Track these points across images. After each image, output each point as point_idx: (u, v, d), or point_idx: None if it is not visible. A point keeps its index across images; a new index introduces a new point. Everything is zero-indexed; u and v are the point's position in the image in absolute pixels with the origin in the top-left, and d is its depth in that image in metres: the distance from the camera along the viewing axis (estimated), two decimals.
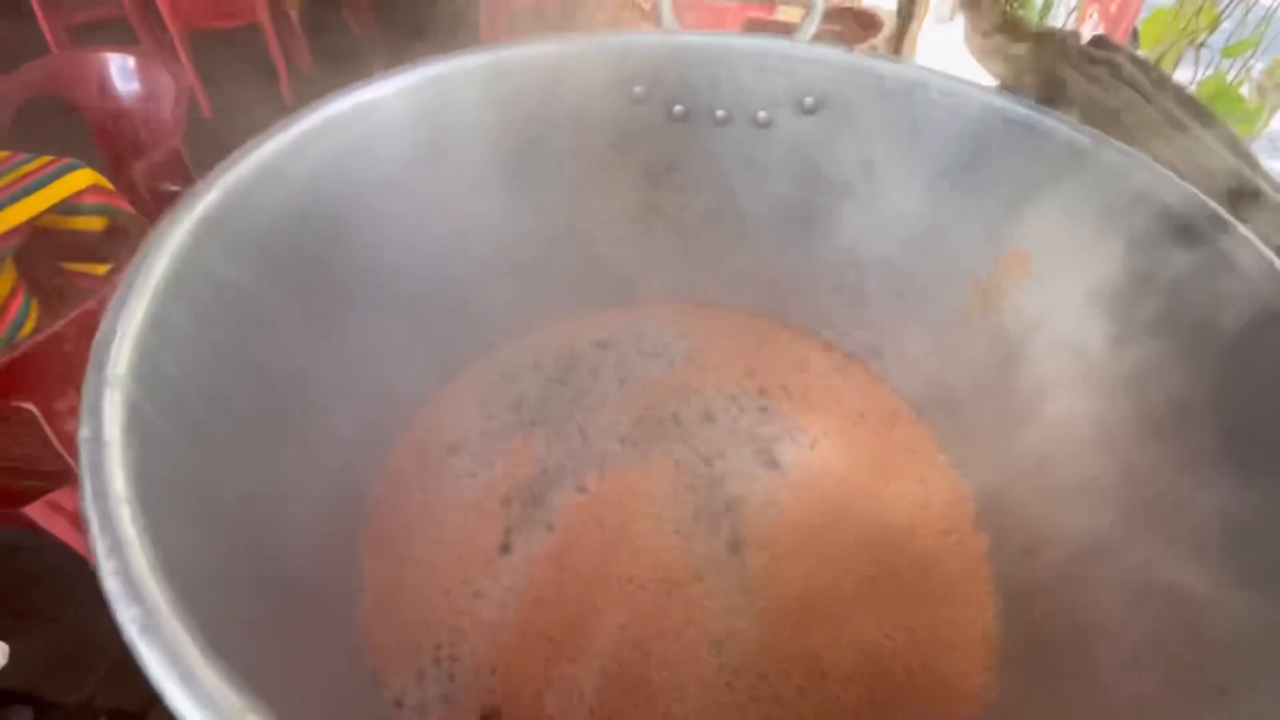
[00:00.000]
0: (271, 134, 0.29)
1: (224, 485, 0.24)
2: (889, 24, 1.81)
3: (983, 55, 1.23)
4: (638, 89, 0.42)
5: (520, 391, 0.43)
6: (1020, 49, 1.11)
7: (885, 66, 0.38)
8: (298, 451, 0.30)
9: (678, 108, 0.43)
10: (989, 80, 1.28)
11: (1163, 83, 0.47)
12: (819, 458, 0.40)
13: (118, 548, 0.16)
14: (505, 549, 0.35)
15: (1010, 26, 1.11)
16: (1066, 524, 0.31)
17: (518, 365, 0.44)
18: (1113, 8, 1.21)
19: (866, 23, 1.90)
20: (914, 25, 1.81)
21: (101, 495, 0.17)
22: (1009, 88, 1.20)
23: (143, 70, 0.96)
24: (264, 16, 2.55)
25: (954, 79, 0.37)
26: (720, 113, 0.43)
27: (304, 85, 3.38)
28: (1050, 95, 1.06)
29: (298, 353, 0.31)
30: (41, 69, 0.97)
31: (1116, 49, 0.52)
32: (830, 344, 0.46)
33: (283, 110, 0.31)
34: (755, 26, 2.15)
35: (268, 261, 0.29)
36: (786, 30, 0.43)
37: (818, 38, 0.43)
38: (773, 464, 0.40)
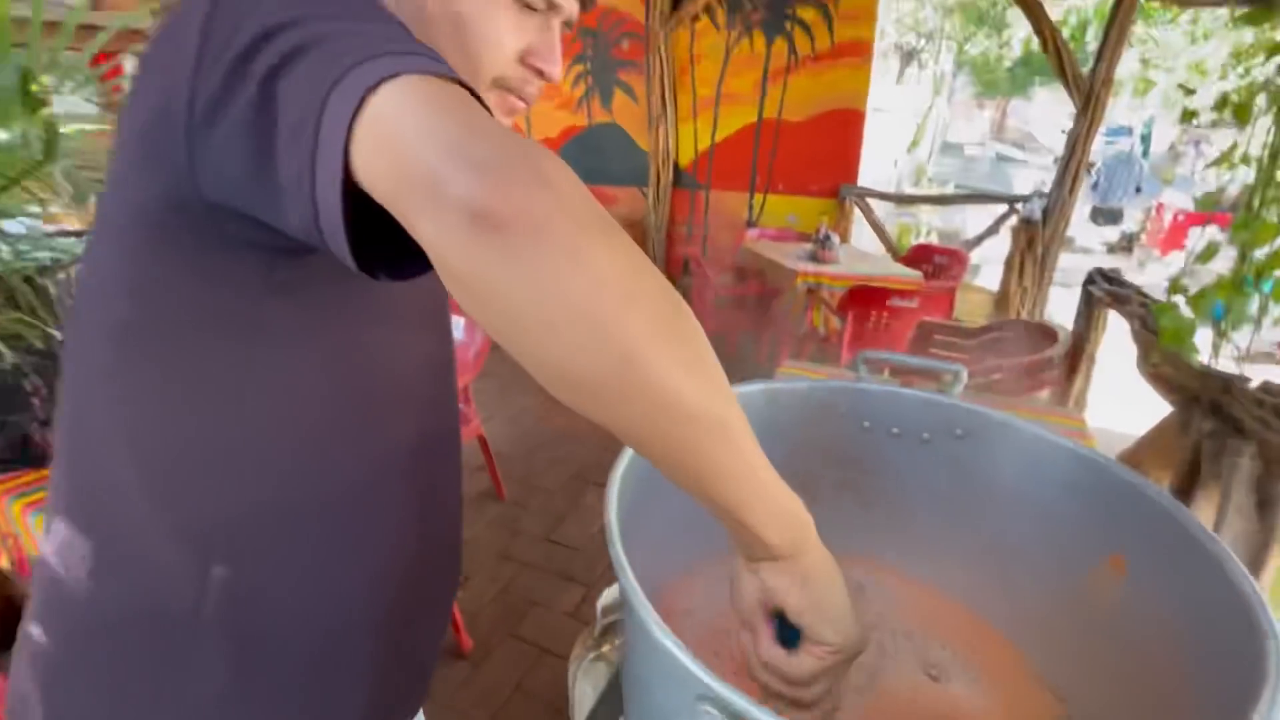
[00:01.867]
0: None
1: None
2: (1063, 337, 2.00)
3: (1154, 382, 1.39)
4: (842, 410, 0.67)
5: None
6: (1188, 382, 1.25)
7: (1008, 419, 0.60)
8: None
9: (865, 423, 0.67)
10: (1165, 404, 1.41)
11: None
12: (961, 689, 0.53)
13: None
14: None
15: (1175, 362, 1.27)
16: None
17: None
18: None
19: (1042, 334, 2.11)
20: (1089, 346, 1.97)
21: None
22: (1183, 414, 1.32)
23: None
24: None
25: (1058, 438, 0.57)
26: (895, 429, 0.66)
27: None
28: (1223, 427, 1.18)
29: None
30: None
31: None
32: (976, 616, 0.61)
33: None
34: (929, 328, 2.45)
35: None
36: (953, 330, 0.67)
37: (988, 343, 0.66)
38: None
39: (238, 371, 0.44)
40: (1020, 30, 9.78)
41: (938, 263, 3.59)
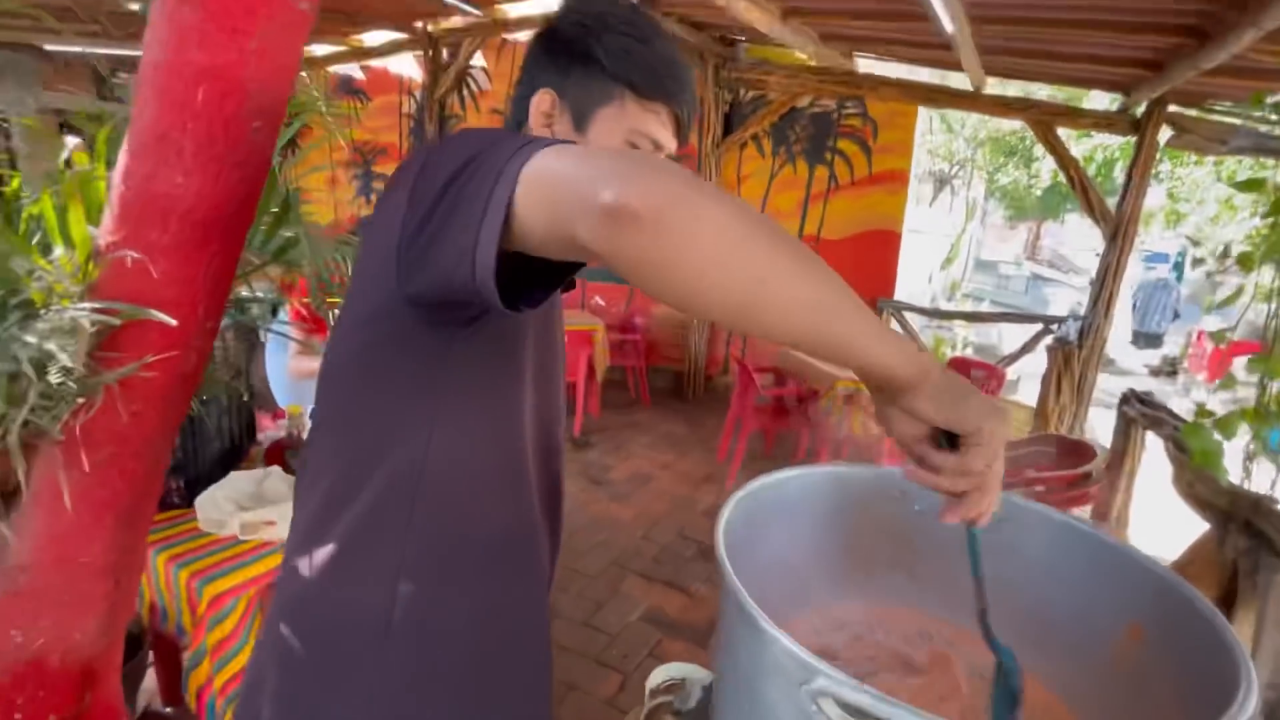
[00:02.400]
0: (750, 486, 0.71)
1: None
2: (1100, 454, 2.06)
3: (1189, 500, 1.47)
4: (896, 494, 0.80)
5: (833, 629, 0.73)
6: (1219, 501, 1.34)
7: (1040, 508, 0.72)
8: None
9: (917, 506, 0.80)
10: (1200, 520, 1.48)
11: None
12: None
13: None
14: None
15: (1207, 481, 1.36)
16: None
17: (830, 619, 0.75)
18: None
19: (1078, 450, 2.17)
20: (1128, 463, 2.02)
21: None
22: (1219, 532, 1.39)
23: None
24: (580, 377, 3.70)
25: (1080, 524, 0.69)
26: None
27: (589, 422, 4.46)
28: (1257, 544, 1.26)
29: None
30: None
31: None
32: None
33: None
34: None
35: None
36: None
37: (1024, 456, 0.78)
38: None
39: (428, 425, 0.59)
40: (1049, 161, 10.29)
41: (974, 377, 3.69)
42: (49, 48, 4.67)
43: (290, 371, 2.11)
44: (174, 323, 0.63)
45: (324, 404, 0.63)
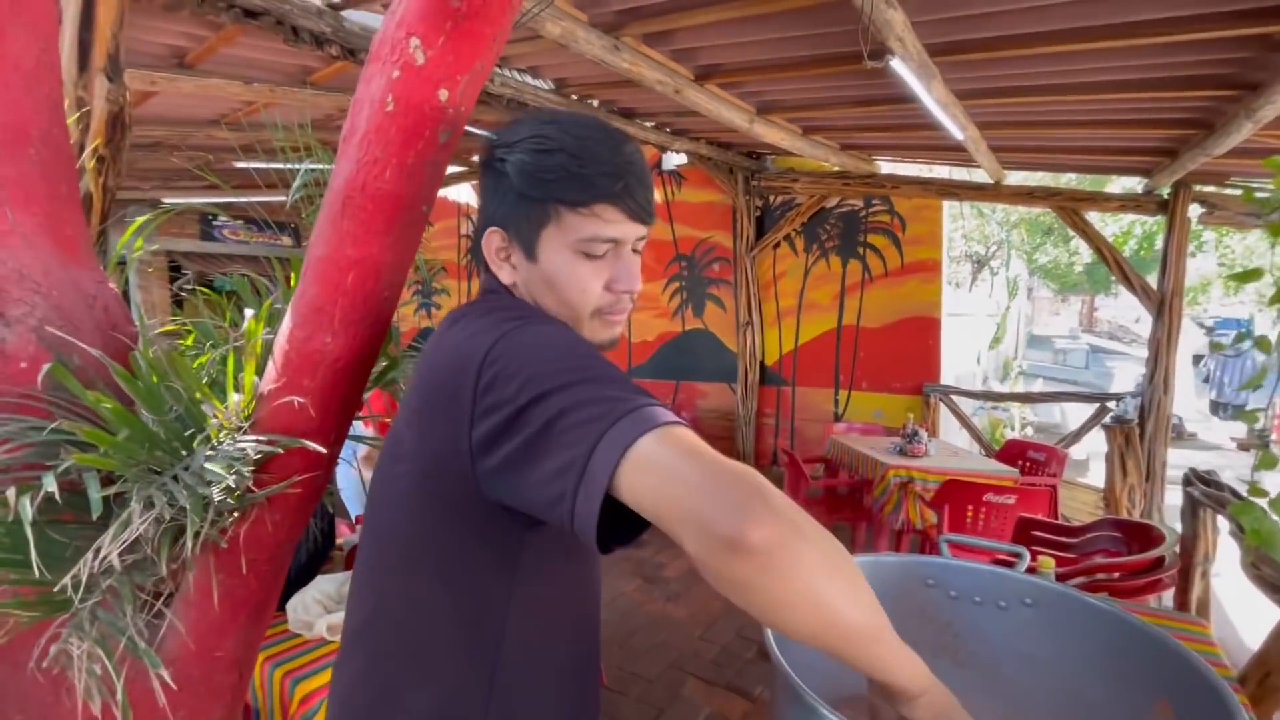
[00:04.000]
0: None
1: None
2: (1170, 537, 2.00)
3: (1257, 583, 1.46)
4: (930, 582, 0.87)
5: None
6: None
7: (1066, 590, 0.78)
8: None
9: (952, 592, 0.86)
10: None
11: None
12: None
13: None
14: None
15: (1271, 563, 1.35)
16: None
17: None
18: None
19: (1146, 534, 2.10)
20: (1202, 546, 1.95)
21: None
22: None
23: None
24: None
25: (1105, 605, 0.74)
26: (977, 598, 0.84)
27: None
28: None
29: None
30: None
31: None
32: None
33: None
34: (1029, 524, 2.47)
35: None
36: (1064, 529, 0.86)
37: (1089, 542, 0.83)
38: None
39: (503, 598, 0.64)
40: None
41: (1033, 458, 3.60)
42: (165, 200, 5.47)
43: (363, 475, 2.30)
44: (324, 451, 0.80)
45: (379, 550, 0.68)
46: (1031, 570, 1.07)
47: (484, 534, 0.62)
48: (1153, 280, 3.72)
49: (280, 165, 1.19)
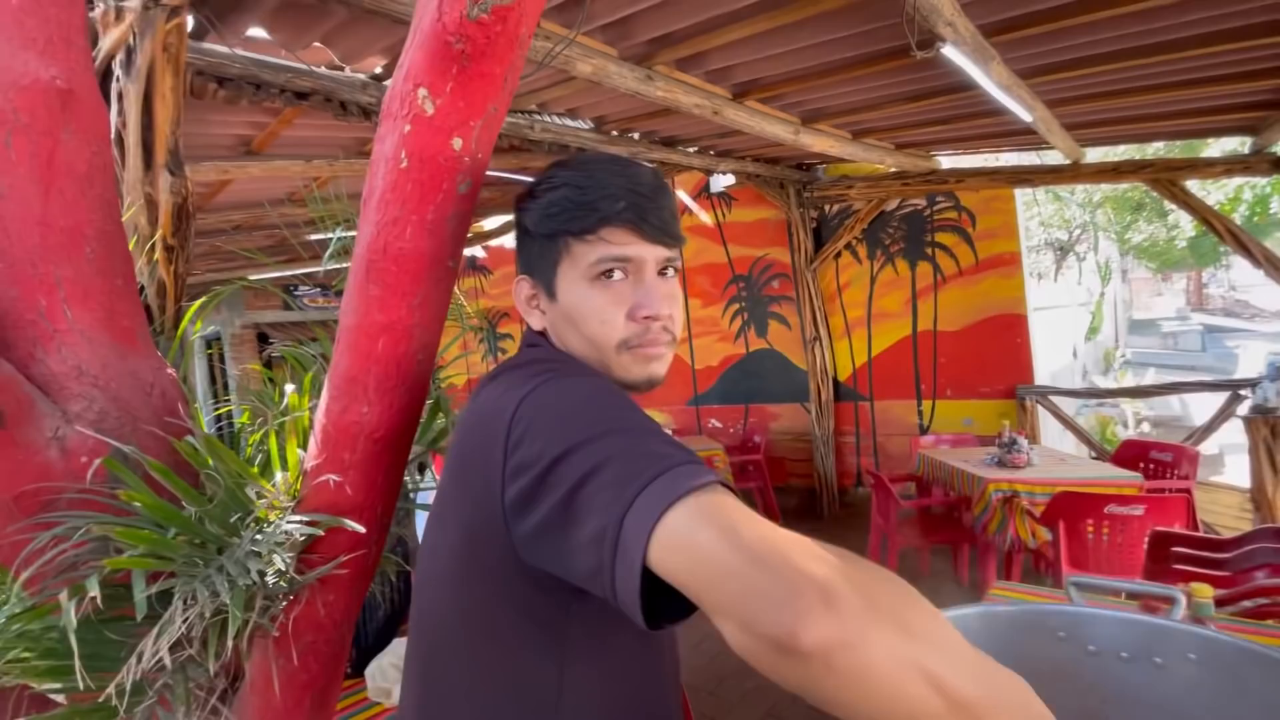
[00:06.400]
0: None
1: None
2: None
3: None
4: (1061, 634, 0.73)
5: None
6: None
7: (1238, 641, 0.62)
8: None
9: (1091, 647, 0.72)
10: None
11: None
12: None
13: None
14: None
15: None
16: None
17: None
18: None
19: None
20: None
21: None
22: None
23: None
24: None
25: None
26: (1124, 654, 0.70)
27: None
28: None
29: None
30: None
31: None
32: None
33: None
34: (1165, 539, 2.17)
35: None
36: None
37: (1245, 556, 0.68)
38: None
39: (554, 677, 0.58)
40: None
41: (1158, 459, 3.21)
42: (252, 277, 5.92)
43: None
44: (363, 530, 0.76)
45: (434, 602, 0.63)
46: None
47: (530, 608, 0.57)
48: (1274, 246, 3.30)
49: (325, 235, 1.21)
